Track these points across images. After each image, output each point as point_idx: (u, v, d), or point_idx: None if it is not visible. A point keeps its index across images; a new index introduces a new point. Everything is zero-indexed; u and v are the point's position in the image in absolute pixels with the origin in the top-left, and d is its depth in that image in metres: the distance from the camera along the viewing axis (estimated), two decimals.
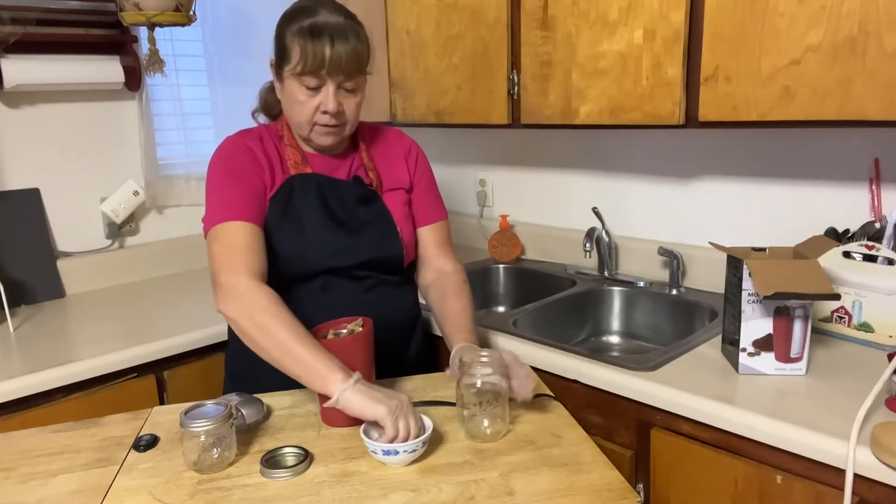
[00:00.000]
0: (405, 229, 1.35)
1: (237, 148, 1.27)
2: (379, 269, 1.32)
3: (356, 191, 1.32)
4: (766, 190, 1.64)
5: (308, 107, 1.22)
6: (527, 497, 0.92)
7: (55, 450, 1.10)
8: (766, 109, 1.27)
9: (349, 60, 1.18)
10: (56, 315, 1.79)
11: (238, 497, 0.94)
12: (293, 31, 1.18)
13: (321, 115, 1.22)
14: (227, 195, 1.21)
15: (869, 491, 1.00)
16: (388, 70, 1.95)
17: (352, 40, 1.18)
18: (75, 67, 1.91)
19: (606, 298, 1.82)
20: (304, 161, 1.30)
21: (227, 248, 1.17)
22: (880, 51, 1.13)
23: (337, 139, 1.28)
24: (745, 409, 1.11)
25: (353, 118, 1.26)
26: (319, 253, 1.27)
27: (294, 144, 1.31)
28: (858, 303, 1.35)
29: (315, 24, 1.17)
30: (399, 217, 1.35)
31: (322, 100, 1.21)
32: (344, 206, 1.30)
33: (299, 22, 1.18)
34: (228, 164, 1.25)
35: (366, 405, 1.01)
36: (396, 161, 1.40)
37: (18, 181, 1.92)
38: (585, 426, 1.22)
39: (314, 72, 1.18)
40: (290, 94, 1.22)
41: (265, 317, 1.09)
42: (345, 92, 1.22)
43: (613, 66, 1.46)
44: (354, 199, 1.31)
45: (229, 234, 1.18)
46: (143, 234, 2.17)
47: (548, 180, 2.10)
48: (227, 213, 1.19)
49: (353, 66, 1.19)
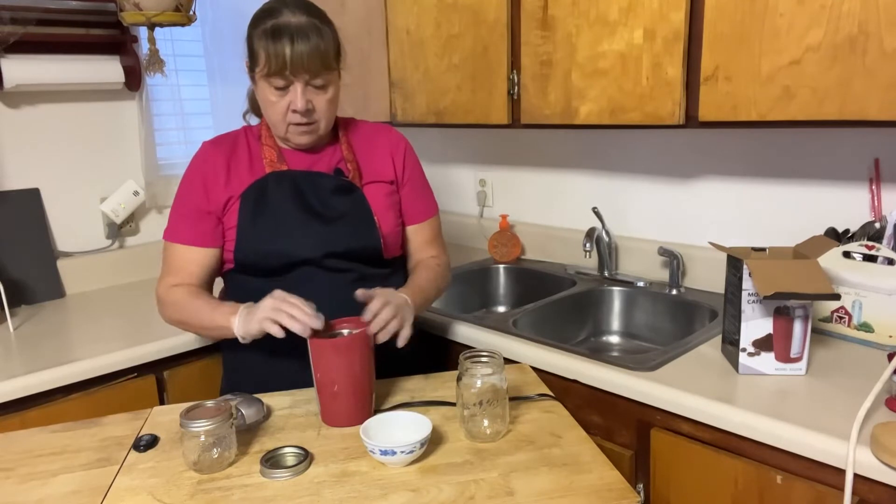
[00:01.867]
0: (385, 221, 1.35)
1: (201, 163, 1.33)
2: (358, 259, 1.32)
3: (333, 182, 1.33)
4: (766, 190, 1.64)
5: (279, 107, 1.25)
6: (527, 497, 0.92)
7: (55, 450, 1.10)
8: (765, 109, 1.27)
9: (311, 59, 1.20)
10: (56, 315, 1.79)
11: (238, 497, 0.94)
12: (258, 34, 1.22)
13: (292, 115, 1.25)
14: (180, 212, 1.33)
15: (869, 491, 1.00)
16: (388, 70, 1.95)
17: (313, 39, 1.20)
18: (75, 67, 1.91)
19: (606, 298, 1.82)
20: (280, 159, 1.33)
21: (166, 266, 1.34)
22: (880, 51, 1.13)
23: (312, 137, 1.30)
24: (745, 409, 1.11)
25: (325, 115, 1.28)
26: (294, 243, 1.28)
27: (272, 143, 1.34)
28: (858, 303, 1.35)
29: (276, 25, 1.19)
30: (379, 208, 1.35)
31: (291, 99, 1.23)
32: (319, 197, 1.32)
33: (263, 24, 1.21)
34: (187, 183, 1.34)
35: (251, 323, 1.15)
36: (381, 155, 1.40)
37: (18, 181, 1.92)
38: (585, 426, 1.22)
39: (279, 72, 1.20)
40: (262, 95, 1.26)
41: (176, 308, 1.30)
42: (314, 89, 1.24)
43: (613, 66, 1.46)
44: (330, 190, 1.32)
45: (172, 253, 1.33)
46: (143, 234, 2.17)
47: (548, 180, 2.10)
48: (176, 232, 1.33)
49: (317, 64, 1.21)
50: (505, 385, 1.08)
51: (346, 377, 1.11)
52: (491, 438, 1.07)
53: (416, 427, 1.04)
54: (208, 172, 1.32)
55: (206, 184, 1.31)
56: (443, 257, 1.47)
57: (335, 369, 1.11)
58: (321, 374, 1.12)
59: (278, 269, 1.29)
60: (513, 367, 1.36)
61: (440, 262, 1.45)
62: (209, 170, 1.32)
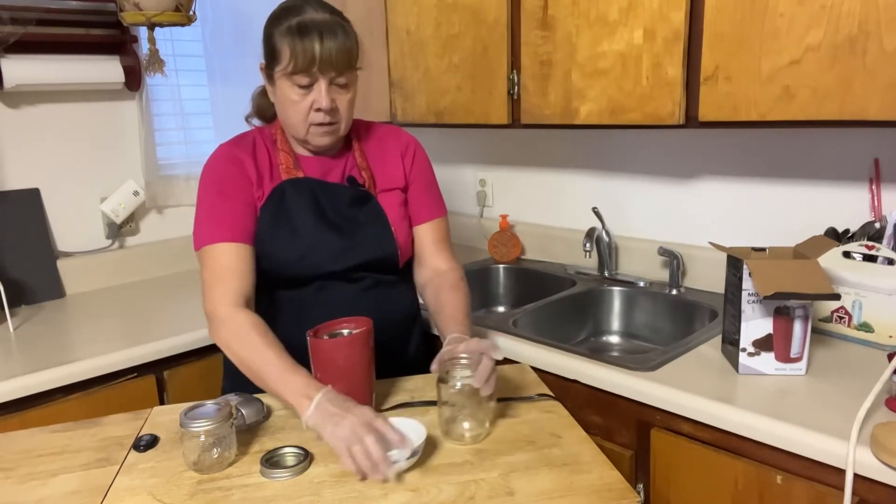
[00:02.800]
0: (400, 229, 1.35)
1: (226, 161, 1.27)
2: (375, 269, 1.32)
3: (349, 193, 1.31)
4: (766, 190, 1.64)
5: (302, 106, 1.22)
6: (527, 497, 0.92)
7: (55, 450, 1.10)
8: (766, 109, 1.27)
9: (339, 56, 1.18)
10: (56, 315, 1.79)
11: (238, 497, 0.94)
12: (281, 31, 1.19)
13: (315, 114, 1.22)
14: (215, 213, 1.24)
15: (869, 491, 1.00)
16: (388, 70, 1.95)
17: (340, 36, 1.18)
18: (75, 67, 1.91)
19: (606, 298, 1.82)
20: (296, 165, 1.30)
21: (212, 274, 1.21)
22: (880, 51, 1.13)
23: (333, 138, 1.28)
24: (745, 409, 1.11)
25: (346, 115, 1.27)
26: (315, 258, 1.27)
27: (287, 149, 1.31)
28: (858, 303, 1.35)
29: (303, 22, 1.17)
30: (394, 217, 1.34)
31: (315, 97, 1.21)
32: (337, 209, 1.30)
33: (287, 21, 1.19)
34: (217, 179, 1.26)
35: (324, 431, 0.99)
36: (392, 160, 1.39)
37: (18, 181, 1.92)
38: (585, 426, 1.22)
39: (305, 69, 1.18)
40: (283, 94, 1.22)
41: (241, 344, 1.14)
42: (337, 88, 1.23)
43: (613, 66, 1.46)
44: (348, 202, 1.31)
45: (215, 256, 1.21)
46: (143, 234, 2.17)
47: (548, 180, 2.11)
48: (213, 233, 1.22)
49: (344, 62, 1.20)
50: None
51: (347, 377, 1.11)
52: (471, 441, 1.06)
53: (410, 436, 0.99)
54: (240, 167, 1.27)
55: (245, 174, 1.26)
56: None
57: (335, 369, 1.11)
58: (321, 373, 1.12)
59: (293, 281, 1.28)
60: (513, 367, 1.36)
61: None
62: (238, 165, 1.27)
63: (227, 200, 1.24)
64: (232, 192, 1.25)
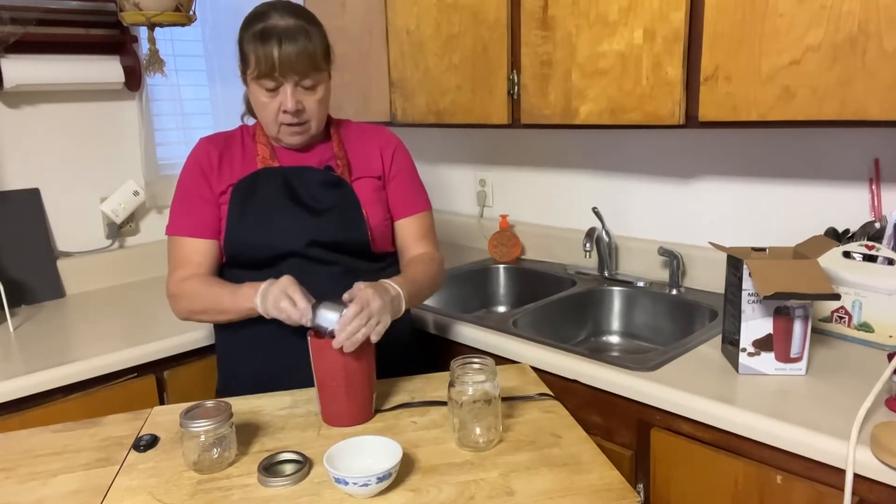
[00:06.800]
0: (372, 214, 1.36)
1: (194, 159, 1.36)
2: (346, 252, 1.33)
3: (321, 175, 1.34)
4: (765, 190, 1.64)
5: (271, 108, 1.27)
6: (527, 497, 0.92)
7: (55, 450, 1.10)
8: (765, 109, 1.27)
9: (299, 60, 1.23)
10: (56, 315, 1.79)
11: (238, 497, 0.94)
12: (248, 37, 1.25)
13: (283, 115, 1.28)
14: (182, 207, 1.34)
15: (869, 491, 1.00)
16: (388, 70, 1.95)
17: (301, 40, 1.23)
18: (75, 67, 1.91)
19: (606, 298, 1.82)
20: (272, 156, 1.35)
21: (173, 261, 1.35)
22: (880, 51, 1.13)
23: (304, 138, 1.33)
24: (745, 409, 1.11)
25: (316, 115, 1.30)
26: (280, 234, 1.29)
27: (265, 141, 1.37)
28: (858, 303, 1.35)
29: (265, 29, 1.23)
30: (367, 201, 1.36)
31: (281, 100, 1.26)
32: (308, 190, 1.33)
33: (252, 27, 1.25)
34: (185, 175, 1.35)
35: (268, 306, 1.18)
36: (371, 152, 1.41)
37: (18, 181, 1.92)
38: (585, 426, 1.22)
39: (268, 74, 1.23)
40: (254, 97, 1.29)
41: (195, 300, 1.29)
42: (304, 90, 1.27)
43: (613, 66, 1.46)
44: (319, 184, 1.33)
45: (178, 245, 1.34)
46: (143, 234, 2.17)
47: (548, 180, 2.10)
48: (177, 226, 1.34)
49: (305, 65, 1.24)
50: (497, 392, 1.05)
51: (347, 376, 1.11)
52: (484, 447, 1.05)
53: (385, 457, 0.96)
54: (204, 163, 1.34)
55: (205, 173, 1.34)
56: (436, 253, 1.45)
57: (336, 368, 1.11)
58: (322, 373, 1.12)
59: (266, 261, 1.30)
60: (513, 367, 1.36)
61: (433, 256, 1.43)
62: (205, 161, 1.34)
63: (191, 197, 1.33)
64: (196, 189, 1.33)
